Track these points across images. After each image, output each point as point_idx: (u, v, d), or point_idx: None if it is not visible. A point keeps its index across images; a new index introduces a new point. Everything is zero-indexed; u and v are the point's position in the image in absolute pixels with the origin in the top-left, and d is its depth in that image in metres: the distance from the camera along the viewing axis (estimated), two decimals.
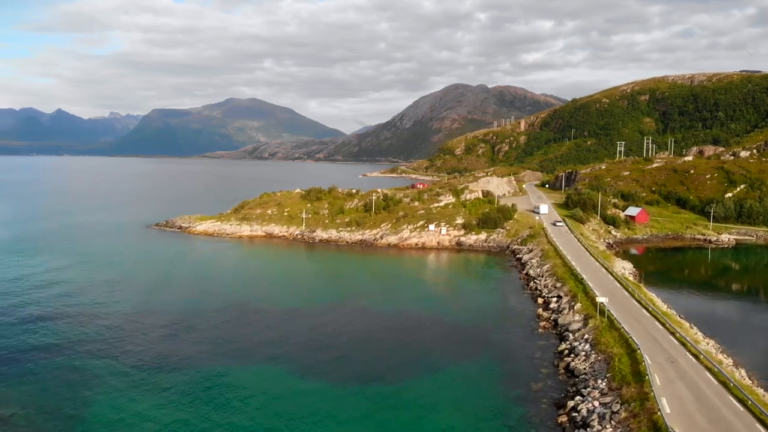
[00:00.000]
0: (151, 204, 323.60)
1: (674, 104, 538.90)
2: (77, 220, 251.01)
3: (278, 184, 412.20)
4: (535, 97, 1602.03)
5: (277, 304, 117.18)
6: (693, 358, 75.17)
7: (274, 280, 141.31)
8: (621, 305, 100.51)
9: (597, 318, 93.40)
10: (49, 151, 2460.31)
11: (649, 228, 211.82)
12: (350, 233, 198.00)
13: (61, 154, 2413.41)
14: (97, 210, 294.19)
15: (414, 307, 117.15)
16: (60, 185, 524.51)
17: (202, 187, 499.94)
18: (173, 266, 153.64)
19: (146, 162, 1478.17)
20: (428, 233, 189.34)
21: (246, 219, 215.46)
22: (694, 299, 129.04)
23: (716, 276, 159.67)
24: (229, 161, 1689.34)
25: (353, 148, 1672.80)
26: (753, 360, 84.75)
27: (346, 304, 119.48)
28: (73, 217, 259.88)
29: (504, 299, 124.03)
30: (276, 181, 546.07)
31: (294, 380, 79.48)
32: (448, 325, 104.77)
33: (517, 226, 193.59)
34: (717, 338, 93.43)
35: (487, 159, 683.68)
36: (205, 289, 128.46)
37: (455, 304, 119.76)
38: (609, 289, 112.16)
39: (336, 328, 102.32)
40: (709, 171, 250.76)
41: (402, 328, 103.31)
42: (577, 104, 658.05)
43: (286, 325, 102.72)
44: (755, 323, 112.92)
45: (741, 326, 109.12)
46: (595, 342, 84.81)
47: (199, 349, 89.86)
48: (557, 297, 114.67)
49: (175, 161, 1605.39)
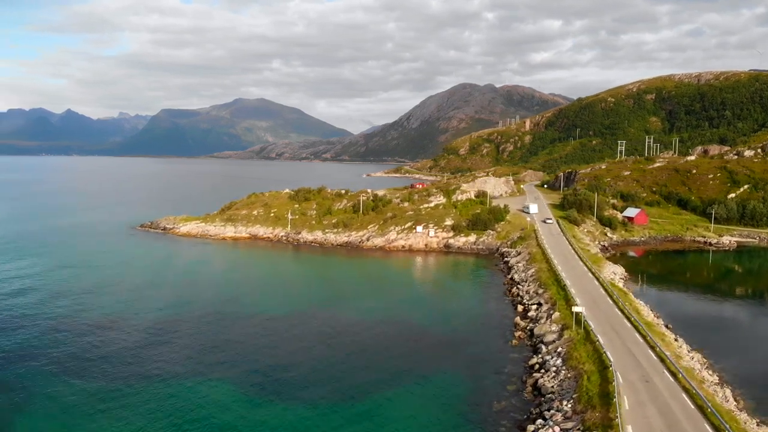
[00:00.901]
0: (152, 204, 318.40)
1: (681, 103, 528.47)
2: (64, 221, 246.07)
3: (283, 183, 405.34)
4: (543, 97, 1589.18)
5: (245, 313, 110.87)
6: (671, 376, 68.23)
7: (247, 287, 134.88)
8: (602, 314, 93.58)
9: (573, 329, 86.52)
10: (59, 151, 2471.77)
11: (648, 230, 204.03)
12: (336, 235, 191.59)
13: (71, 154, 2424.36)
14: (88, 210, 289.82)
15: (389, 314, 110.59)
16: (62, 185, 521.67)
17: (209, 188, 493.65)
18: (145, 272, 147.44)
19: (155, 162, 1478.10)
20: (416, 235, 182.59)
21: (231, 220, 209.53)
22: (687, 306, 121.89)
23: (715, 281, 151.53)
24: (237, 161, 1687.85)
25: (360, 148, 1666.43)
26: (743, 376, 77.82)
27: (318, 312, 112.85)
28: (60, 218, 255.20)
29: (484, 306, 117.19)
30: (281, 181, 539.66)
31: (246, 399, 73.31)
32: (422, 335, 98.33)
33: (508, 227, 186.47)
34: (706, 351, 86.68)
35: (491, 159, 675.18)
36: (174, 297, 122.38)
37: (433, 312, 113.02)
38: (592, 296, 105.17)
39: (303, 338, 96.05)
40: (712, 171, 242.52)
41: (372, 338, 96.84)
42: (583, 103, 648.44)
43: (250, 337, 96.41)
44: (752, 333, 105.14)
45: (735, 337, 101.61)
46: (567, 356, 77.98)
47: (158, 365, 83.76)
48: (537, 304, 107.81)
49: (183, 161, 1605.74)
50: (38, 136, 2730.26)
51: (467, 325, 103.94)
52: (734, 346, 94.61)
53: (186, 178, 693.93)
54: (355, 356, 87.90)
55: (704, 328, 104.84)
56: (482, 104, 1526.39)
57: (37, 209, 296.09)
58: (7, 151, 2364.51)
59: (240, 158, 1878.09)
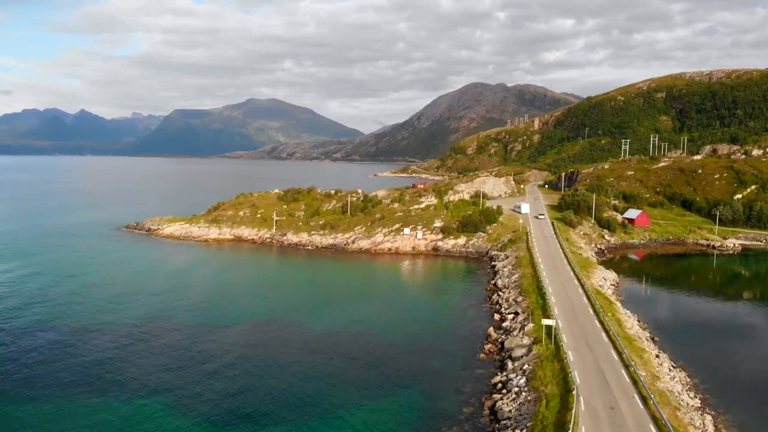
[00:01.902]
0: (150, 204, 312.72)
1: (691, 102, 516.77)
2: (52, 221, 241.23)
3: (288, 183, 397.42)
4: (555, 96, 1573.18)
5: (204, 322, 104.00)
6: (641, 402, 60.39)
7: (214, 294, 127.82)
8: (579, 327, 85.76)
9: (543, 344, 78.83)
10: (73, 151, 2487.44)
11: (649, 232, 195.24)
12: (322, 237, 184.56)
13: (84, 154, 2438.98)
14: (81, 210, 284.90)
15: (360, 323, 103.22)
16: (67, 185, 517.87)
17: (219, 188, 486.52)
18: (113, 279, 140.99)
19: (167, 162, 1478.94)
20: (403, 237, 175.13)
21: (216, 221, 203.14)
22: (681, 315, 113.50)
23: (716, 287, 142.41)
24: (248, 161, 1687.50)
25: (370, 148, 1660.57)
26: (731, 399, 70.11)
27: (284, 320, 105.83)
28: (50, 218, 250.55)
29: (461, 315, 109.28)
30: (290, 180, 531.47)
31: (179, 417, 66.65)
32: (390, 346, 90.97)
33: (500, 229, 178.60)
34: (693, 368, 79.02)
35: (499, 158, 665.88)
36: (138, 305, 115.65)
37: (406, 321, 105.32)
38: (573, 305, 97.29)
39: (261, 349, 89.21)
40: (718, 171, 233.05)
41: (336, 349, 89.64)
42: (592, 102, 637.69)
43: (206, 348, 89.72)
44: (750, 346, 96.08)
45: (730, 351, 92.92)
46: (531, 375, 70.37)
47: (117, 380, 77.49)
48: (514, 314, 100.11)
49: (195, 161, 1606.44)
50: (52, 136, 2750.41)
51: (439, 335, 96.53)
52: (727, 362, 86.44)
53: (196, 178, 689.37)
54: (313, 369, 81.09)
55: (696, 340, 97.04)
56: (493, 104, 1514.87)
57: (31, 209, 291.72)
58: (22, 150, 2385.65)
59: (251, 158, 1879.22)
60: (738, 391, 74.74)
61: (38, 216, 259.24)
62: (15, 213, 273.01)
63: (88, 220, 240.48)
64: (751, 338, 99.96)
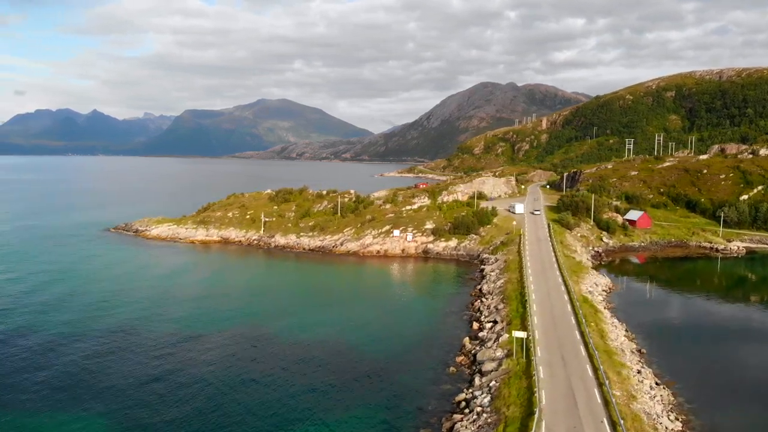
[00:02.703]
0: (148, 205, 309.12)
1: (701, 101, 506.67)
2: (44, 222, 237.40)
3: (294, 183, 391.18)
4: (565, 96, 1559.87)
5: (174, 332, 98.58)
6: (609, 428, 54.29)
7: (188, 300, 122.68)
8: (556, 338, 79.63)
9: (514, 358, 72.85)
10: (85, 151, 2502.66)
11: (650, 234, 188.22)
12: (310, 239, 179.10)
13: (96, 153, 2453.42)
14: (76, 211, 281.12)
15: (333, 333, 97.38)
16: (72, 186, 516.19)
17: (230, 189, 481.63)
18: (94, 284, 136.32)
19: (177, 162, 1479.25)
20: (392, 239, 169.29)
21: (204, 222, 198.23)
22: (675, 325, 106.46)
23: (717, 292, 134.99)
24: (258, 161, 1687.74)
25: (380, 148, 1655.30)
26: (716, 423, 63.69)
27: (254, 329, 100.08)
28: (42, 219, 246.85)
29: (440, 323, 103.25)
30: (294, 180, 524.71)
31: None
32: (359, 358, 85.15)
33: (493, 231, 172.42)
34: (679, 385, 73.07)
35: (506, 158, 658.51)
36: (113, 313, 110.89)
37: (381, 330, 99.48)
38: (554, 314, 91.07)
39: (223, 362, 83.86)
40: (724, 171, 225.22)
41: (303, 361, 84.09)
42: (600, 101, 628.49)
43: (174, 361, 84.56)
44: (748, 360, 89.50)
45: (724, 365, 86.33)
46: (497, 394, 64.44)
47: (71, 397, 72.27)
48: (492, 322, 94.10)
49: (206, 161, 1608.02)
50: (64, 136, 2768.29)
51: (413, 345, 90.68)
52: (722, 377, 79.88)
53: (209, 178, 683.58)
54: (275, 383, 75.83)
55: (690, 351, 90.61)
56: (503, 103, 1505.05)
57: (26, 210, 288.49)
58: (35, 151, 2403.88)
59: (261, 158, 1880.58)
60: (729, 412, 68.53)
61: (30, 217, 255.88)
62: (8, 214, 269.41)
63: (79, 221, 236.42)
64: (753, 350, 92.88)
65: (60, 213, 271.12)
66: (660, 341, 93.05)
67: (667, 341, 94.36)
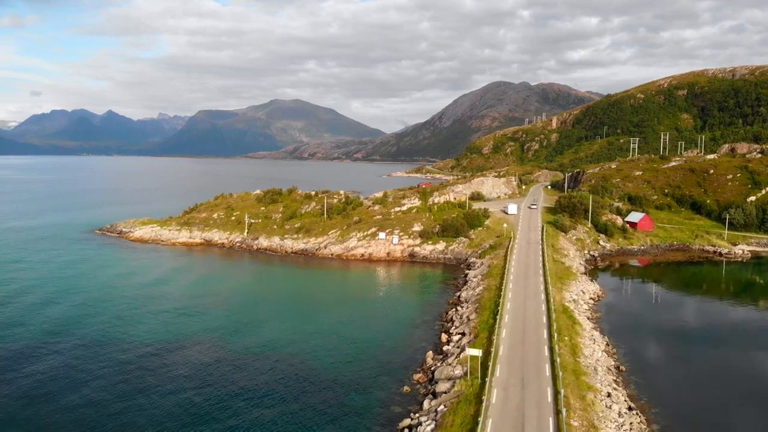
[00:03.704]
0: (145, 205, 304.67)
1: (713, 99, 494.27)
2: (33, 223, 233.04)
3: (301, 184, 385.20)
4: (579, 95, 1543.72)
5: (112, 341, 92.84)
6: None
7: (149, 307, 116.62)
8: (521, 355, 72.25)
9: (469, 378, 65.62)
10: (100, 151, 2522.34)
11: (651, 237, 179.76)
12: (294, 241, 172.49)
13: (111, 154, 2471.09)
14: (71, 211, 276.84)
15: (291, 345, 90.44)
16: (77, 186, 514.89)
17: (234, 189, 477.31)
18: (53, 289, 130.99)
19: (191, 162, 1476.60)
20: (377, 242, 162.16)
21: (188, 224, 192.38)
22: (664, 338, 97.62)
23: (716, 301, 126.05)
24: (270, 161, 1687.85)
25: (391, 148, 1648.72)
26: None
27: (208, 342, 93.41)
28: (33, 220, 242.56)
29: (409, 333, 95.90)
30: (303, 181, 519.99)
31: None
32: (313, 376, 78.03)
33: (484, 234, 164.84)
34: (656, 410, 65.70)
35: (515, 158, 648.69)
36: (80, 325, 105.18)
37: (345, 342, 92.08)
38: (526, 326, 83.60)
39: (166, 376, 77.38)
40: (731, 171, 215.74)
41: (254, 377, 77.50)
42: (611, 100, 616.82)
43: (117, 378, 78.24)
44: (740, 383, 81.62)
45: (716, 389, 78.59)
46: (441, 422, 57.24)
47: None
48: (461, 335, 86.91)
49: (218, 161, 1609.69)
50: (80, 137, 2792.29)
51: (372, 360, 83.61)
52: (708, 401, 72.17)
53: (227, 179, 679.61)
54: (218, 403, 69.22)
55: (676, 369, 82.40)
56: (516, 102, 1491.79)
57: (17, 211, 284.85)
58: (50, 151, 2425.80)
59: (273, 158, 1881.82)
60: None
61: (19, 218, 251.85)
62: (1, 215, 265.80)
63: (67, 222, 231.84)
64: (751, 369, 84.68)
65: (50, 214, 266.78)
66: (645, 356, 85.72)
67: (654, 356, 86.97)
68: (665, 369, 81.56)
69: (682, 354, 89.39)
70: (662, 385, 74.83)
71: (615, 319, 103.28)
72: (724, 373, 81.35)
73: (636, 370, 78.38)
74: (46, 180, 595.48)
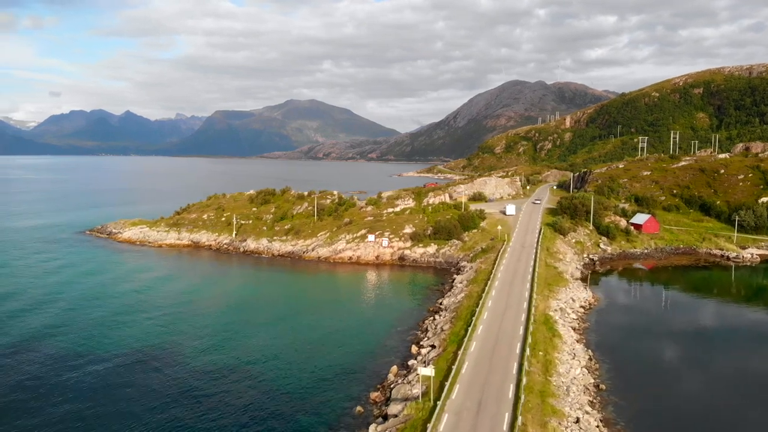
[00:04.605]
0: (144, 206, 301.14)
1: (730, 98, 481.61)
2: (25, 223, 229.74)
3: (319, 185, 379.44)
4: (596, 94, 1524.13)
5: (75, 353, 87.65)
6: None
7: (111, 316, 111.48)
8: (486, 373, 65.63)
9: (420, 401, 59.16)
10: (118, 151, 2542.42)
11: (656, 240, 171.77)
12: (282, 243, 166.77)
13: (129, 154, 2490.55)
14: (62, 212, 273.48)
15: (254, 360, 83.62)
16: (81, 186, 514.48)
17: (239, 188, 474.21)
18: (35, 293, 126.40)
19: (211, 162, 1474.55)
20: (366, 245, 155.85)
21: (177, 225, 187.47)
22: (656, 353, 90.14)
23: (718, 311, 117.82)
24: (286, 161, 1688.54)
25: (405, 148, 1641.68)
26: None
27: (159, 353, 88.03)
28: (27, 220, 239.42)
29: (379, 345, 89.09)
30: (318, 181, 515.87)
31: None
32: (267, 394, 71.72)
33: (479, 236, 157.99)
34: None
35: (528, 157, 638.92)
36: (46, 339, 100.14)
37: (309, 356, 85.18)
38: (499, 339, 76.92)
39: (118, 390, 71.74)
40: (743, 171, 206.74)
41: (204, 397, 71.44)
42: (625, 99, 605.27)
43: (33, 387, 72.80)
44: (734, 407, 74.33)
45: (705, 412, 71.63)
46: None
47: None
48: (431, 347, 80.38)
49: (234, 161, 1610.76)
50: (98, 137, 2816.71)
51: (332, 375, 77.17)
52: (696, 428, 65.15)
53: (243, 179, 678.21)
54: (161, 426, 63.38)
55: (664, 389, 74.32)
56: (532, 101, 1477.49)
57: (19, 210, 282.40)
58: (69, 151, 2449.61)
59: (288, 158, 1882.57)
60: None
61: (15, 218, 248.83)
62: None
63: (61, 223, 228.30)
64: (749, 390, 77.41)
65: (49, 214, 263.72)
66: (632, 373, 78.44)
67: (642, 373, 79.35)
68: (653, 388, 73.81)
69: (676, 371, 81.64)
70: (646, 407, 67.70)
71: (605, 330, 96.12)
72: (722, 395, 73.99)
73: (618, 389, 71.38)
74: (56, 180, 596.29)
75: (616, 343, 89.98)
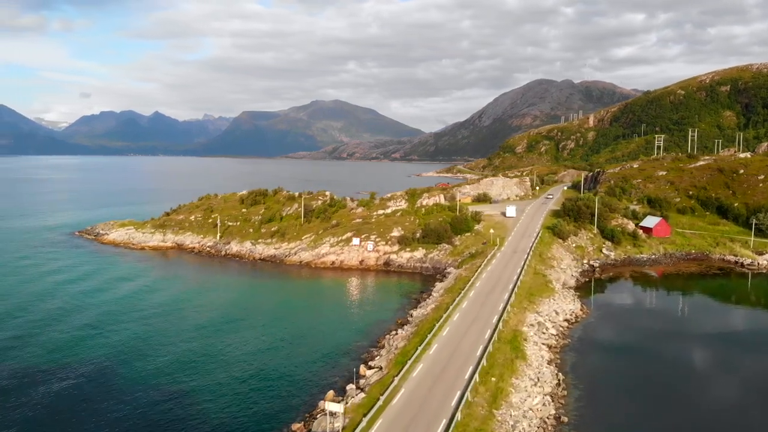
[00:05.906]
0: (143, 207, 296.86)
1: (758, 95, 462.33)
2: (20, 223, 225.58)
3: (340, 185, 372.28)
4: (624, 92, 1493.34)
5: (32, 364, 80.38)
6: None
7: (65, 325, 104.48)
8: (419, 405, 56.34)
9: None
10: (146, 152, 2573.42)
11: (666, 244, 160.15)
12: (265, 246, 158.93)
13: (157, 154, 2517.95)
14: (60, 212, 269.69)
15: (181, 373, 76.44)
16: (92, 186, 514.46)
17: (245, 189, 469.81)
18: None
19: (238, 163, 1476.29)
20: (350, 249, 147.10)
21: (163, 226, 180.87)
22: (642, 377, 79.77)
23: (724, 325, 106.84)
24: (310, 161, 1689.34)
25: (429, 148, 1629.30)
26: None
27: (105, 366, 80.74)
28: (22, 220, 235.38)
29: (328, 364, 79.55)
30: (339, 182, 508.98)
31: None
32: (180, 416, 63.99)
33: (471, 240, 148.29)
34: None
35: (550, 157, 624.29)
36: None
37: (245, 373, 76.97)
38: (451, 362, 67.55)
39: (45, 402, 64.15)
40: (763, 171, 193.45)
41: (126, 418, 63.83)
42: (650, 97, 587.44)
43: None
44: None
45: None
46: None
47: None
48: (378, 368, 71.33)
49: (259, 161, 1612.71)
50: (127, 137, 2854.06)
51: (262, 400, 68.35)
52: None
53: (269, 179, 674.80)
54: None
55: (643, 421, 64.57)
56: (559, 100, 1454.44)
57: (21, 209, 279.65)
58: (99, 151, 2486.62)
59: (312, 158, 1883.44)
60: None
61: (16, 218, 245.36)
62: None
63: (55, 223, 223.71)
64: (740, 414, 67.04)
65: (47, 215, 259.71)
66: (607, 402, 68.44)
67: (620, 403, 68.98)
68: (630, 422, 63.99)
69: (664, 401, 70.81)
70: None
71: (587, 348, 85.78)
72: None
73: (584, 422, 61.46)
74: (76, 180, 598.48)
75: (596, 365, 79.93)
